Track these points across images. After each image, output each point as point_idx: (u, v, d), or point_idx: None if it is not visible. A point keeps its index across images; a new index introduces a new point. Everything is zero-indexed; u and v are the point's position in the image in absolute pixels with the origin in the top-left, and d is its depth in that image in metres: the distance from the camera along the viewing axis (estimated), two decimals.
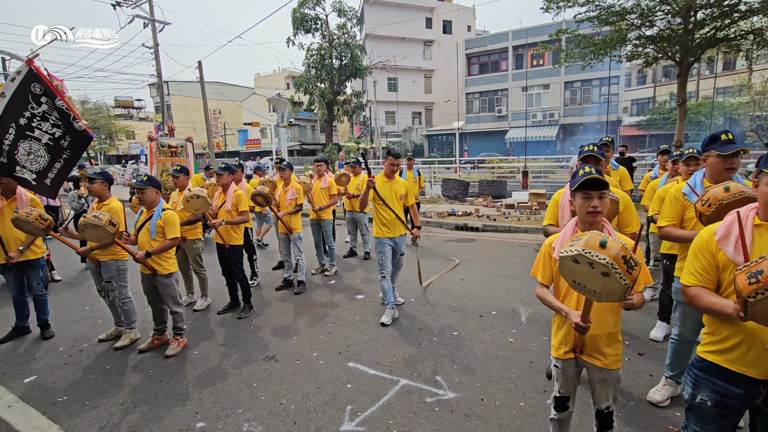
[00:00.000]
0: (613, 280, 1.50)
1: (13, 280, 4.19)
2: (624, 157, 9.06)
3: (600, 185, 1.86)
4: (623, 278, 1.49)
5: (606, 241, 1.53)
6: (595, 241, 1.54)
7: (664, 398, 2.83)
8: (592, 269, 1.53)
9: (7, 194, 4.10)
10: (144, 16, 17.82)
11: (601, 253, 1.50)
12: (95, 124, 38.85)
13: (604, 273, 1.50)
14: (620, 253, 1.50)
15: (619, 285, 1.50)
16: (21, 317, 4.33)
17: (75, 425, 2.86)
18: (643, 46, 10.61)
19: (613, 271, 1.48)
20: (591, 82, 28.19)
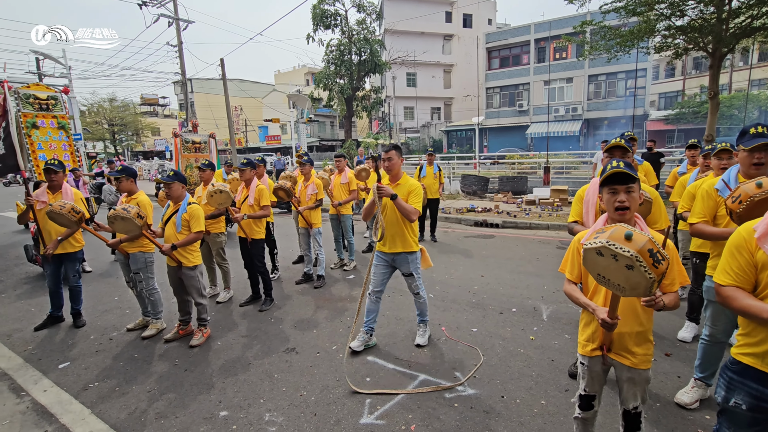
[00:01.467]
0: (637, 274, 1.46)
1: (51, 271, 4.36)
2: (652, 152, 8.78)
3: (627, 179, 1.80)
4: (648, 272, 1.44)
5: (632, 234, 1.49)
6: (620, 233, 1.51)
7: (693, 400, 2.74)
8: (616, 262, 1.49)
9: (53, 189, 4.29)
10: (169, 15, 18.22)
11: (626, 245, 1.46)
12: (123, 120, 40.02)
13: (628, 266, 1.47)
14: (646, 246, 1.46)
15: (644, 279, 1.46)
16: (55, 307, 4.52)
17: (106, 410, 2.97)
18: (673, 37, 10.21)
19: (638, 264, 1.44)
20: (616, 75, 27.34)
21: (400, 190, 3.52)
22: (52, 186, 4.27)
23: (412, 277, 3.65)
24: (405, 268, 3.63)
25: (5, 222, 11.54)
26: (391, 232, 3.55)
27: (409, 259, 3.59)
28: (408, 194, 3.51)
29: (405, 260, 3.60)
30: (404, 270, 3.65)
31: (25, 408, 3.04)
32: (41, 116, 9.48)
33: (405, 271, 3.64)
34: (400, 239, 3.55)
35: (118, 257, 4.31)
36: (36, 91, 9.64)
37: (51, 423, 2.85)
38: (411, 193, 3.52)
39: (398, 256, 3.61)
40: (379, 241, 3.57)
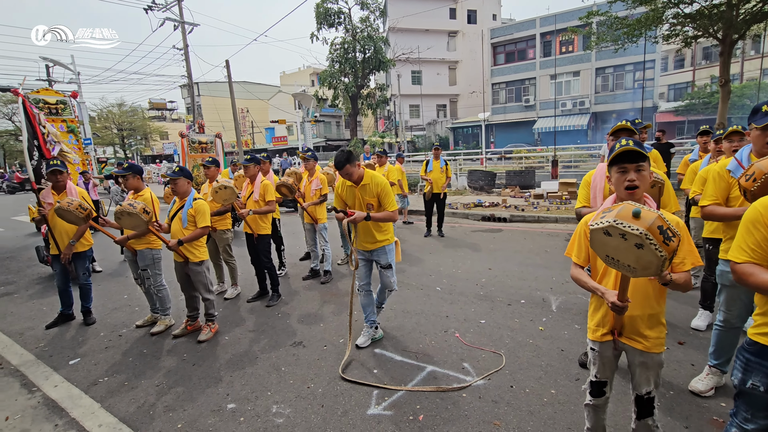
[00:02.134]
0: (647, 252, 1.40)
1: (60, 270, 4.39)
2: (661, 143, 8.63)
3: (637, 157, 1.75)
4: (659, 249, 1.38)
5: (639, 211, 1.42)
6: (628, 211, 1.44)
7: (708, 388, 2.68)
8: (624, 241, 1.43)
9: (58, 189, 4.33)
10: (174, 19, 18.39)
11: (635, 223, 1.40)
12: (131, 125, 40.51)
13: (637, 245, 1.40)
14: (656, 223, 1.39)
15: (655, 257, 1.39)
16: (65, 305, 4.57)
17: (115, 404, 2.99)
18: (682, 25, 10.02)
19: (648, 242, 1.37)
20: (624, 67, 27.01)
21: (367, 190, 3.42)
22: (57, 186, 4.31)
23: (390, 269, 3.59)
24: (383, 259, 3.57)
25: (18, 225, 11.74)
26: (361, 231, 3.49)
27: (386, 249, 3.55)
28: (377, 195, 3.40)
29: (382, 252, 3.55)
30: (383, 261, 3.58)
31: (36, 402, 3.07)
32: (51, 120, 9.62)
33: (383, 262, 3.58)
34: (372, 237, 3.50)
35: (126, 254, 4.34)
36: (45, 96, 9.80)
37: (62, 417, 2.88)
38: (380, 194, 3.40)
39: (376, 252, 3.56)
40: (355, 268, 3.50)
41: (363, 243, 3.53)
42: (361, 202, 3.44)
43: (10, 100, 20.35)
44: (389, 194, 3.41)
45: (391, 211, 3.40)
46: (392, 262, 3.58)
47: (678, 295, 4.38)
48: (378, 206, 3.43)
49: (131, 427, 2.72)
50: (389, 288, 3.67)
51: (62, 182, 4.29)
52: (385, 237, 3.51)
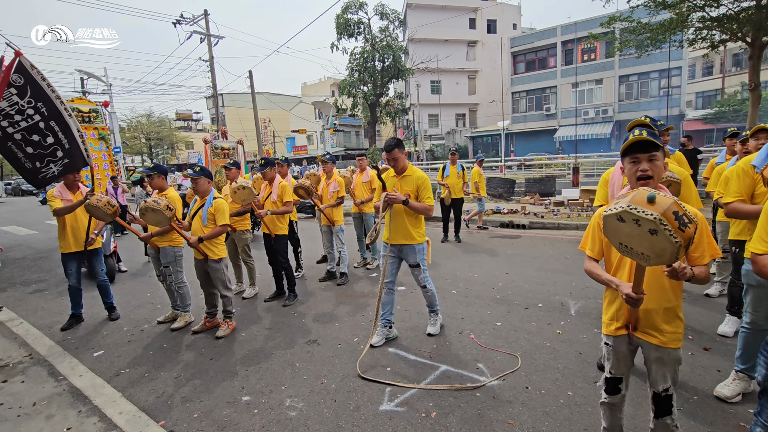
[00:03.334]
0: (662, 239, 1.35)
1: (75, 269, 4.39)
2: (687, 149, 8.39)
3: (649, 147, 1.71)
4: (674, 236, 1.33)
5: (654, 196, 1.38)
6: (642, 196, 1.41)
7: (735, 393, 2.56)
8: (638, 227, 1.39)
9: (72, 188, 4.33)
10: (200, 32, 19.09)
11: (649, 208, 1.36)
12: (159, 135, 42.01)
13: (651, 230, 1.36)
14: (671, 209, 1.35)
15: (670, 244, 1.35)
16: (76, 306, 4.56)
17: (135, 393, 3.08)
18: (708, 29, 9.78)
19: (662, 227, 1.33)
20: (649, 74, 26.40)
21: (408, 182, 3.54)
22: (71, 185, 4.31)
23: (418, 268, 3.63)
24: (412, 258, 3.61)
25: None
26: (396, 224, 3.55)
27: (416, 249, 3.58)
28: (417, 188, 3.52)
29: (411, 251, 3.59)
30: (411, 261, 3.62)
31: (62, 390, 3.19)
32: (83, 128, 10.09)
33: (411, 261, 3.62)
34: (406, 231, 3.54)
35: (150, 251, 4.49)
36: (79, 105, 10.29)
37: (85, 404, 2.98)
38: (420, 187, 3.52)
39: (405, 247, 3.60)
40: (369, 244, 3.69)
41: (396, 236, 3.58)
42: (399, 192, 3.50)
43: None
44: (428, 188, 3.53)
45: (427, 204, 3.49)
46: (421, 262, 3.61)
47: (705, 301, 4.23)
48: (416, 199, 3.52)
49: (150, 415, 2.79)
50: (420, 284, 3.70)
51: (77, 181, 4.32)
52: (417, 234, 3.56)
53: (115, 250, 6.69)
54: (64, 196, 4.25)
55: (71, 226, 4.31)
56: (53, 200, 4.18)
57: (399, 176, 3.59)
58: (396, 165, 3.55)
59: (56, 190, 4.27)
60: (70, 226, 4.30)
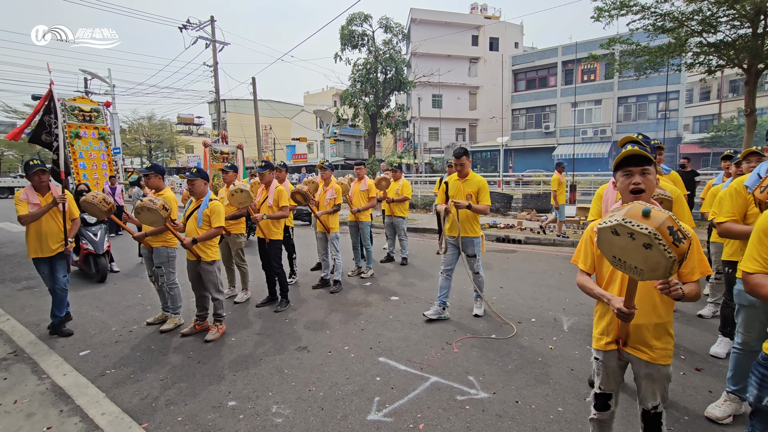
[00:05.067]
0: (656, 253, 1.35)
1: (47, 273, 4.12)
2: (685, 170, 8.47)
3: (642, 161, 1.72)
4: (668, 251, 1.33)
5: (649, 210, 1.38)
6: (638, 210, 1.41)
7: (726, 414, 2.54)
8: (632, 241, 1.39)
9: (42, 190, 4.03)
10: (206, 38, 19.28)
11: (644, 222, 1.36)
12: (159, 138, 42.07)
13: (645, 245, 1.36)
14: (666, 223, 1.36)
15: (663, 258, 1.35)
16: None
17: (119, 394, 3.03)
18: (705, 54, 9.96)
19: (657, 242, 1.33)
20: (647, 97, 26.77)
21: (470, 184, 4.21)
22: (41, 187, 4.00)
23: (474, 258, 4.30)
24: (470, 249, 4.27)
25: None
26: (462, 222, 4.21)
27: (474, 242, 4.26)
28: (478, 190, 4.17)
29: (471, 243, 4.26)
30: (469, 252, 4.29)
31: (44, 389, 3.13)
32: (84, 127, 10.10)
33: (470, 252, 4.29)
34: (468, 226, 4.23)
35: (143, 251, 4.46)
36: (81, 104, 10.32)
37: (67, 404, 2.92)
38: (480, 189, 4.17)
39: (465, 240, 4.25)
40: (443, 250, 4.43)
41: (458, 228, 4.20)
42: (462, 193, 4.19)
43: None
44: (487, 191, 4.20)
45: (486, 204, 4.15)
46: (477, 253, 4.30)
47: (698, 321, 4.22)
48: (476, 200, 4.16)
49: (133, 417, 2.74)
50: (474, 271, 4.36)
51: (45, 182, 4.01)
52: (474, 230, 4.24)
53: (108, 250, 6.64)
54: (32, 199, 3.94)
55: (35, 231, 3.98)
56: (19, 204, 3.91)
57: (462, 180, 4.23)
58: (462, 170, 4.20)
59: (24, 192, 3.98)
60: (34, 231, 3.98)
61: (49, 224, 4.04)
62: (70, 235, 4.17)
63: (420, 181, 21.89)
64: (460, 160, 4.15)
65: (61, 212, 4.10)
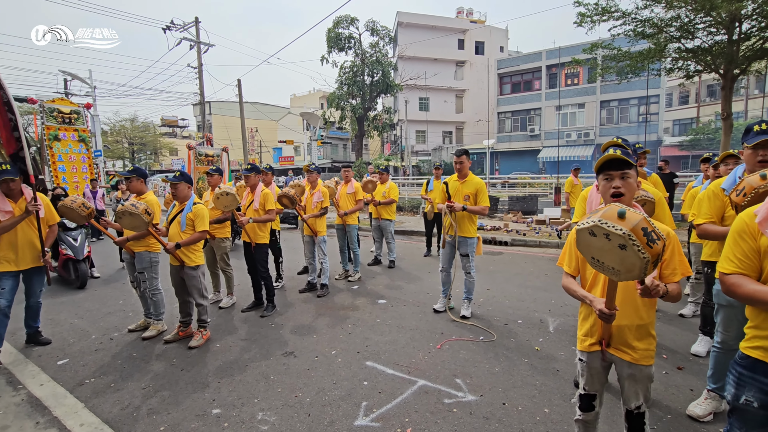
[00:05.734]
0: (630, 254, 1.38)
1: (10, 287, 3.68)
2: (664, 173, 8.67)
3: (622, 165, 1.75)
4: (642, 251, 1.36)
5: (625, 212, 1.42)
6: (613, 211, 1.44)
7: (706, 413, 2.59)
8: (609, 242, 1.42)
9: (14, 197, 3.69)
10: (190, 39, 19.04)
11: (619, 223, 1.40)
12: (143, 140, 41.34)
13: (621, 245, 1.39)
14: (640, 225, 1.39)
15: (638, 259, 1.38)
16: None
17: (99, 404, 2.94)
18: (684, 59, 10.23)
19: (631, 242, 1.36)
20: (629, 101, 27.40)
21: (468, 185, 4.35)
22: (13, 194, 3.65)
23: (467, 258, 4.44)
24: (463, 249, 4.43)
25: None
26: (456, 221, 4.36)
27: (468, 242, 4.39)
28: (476, 191, 4.32)
29: (465, 243, 4.40)
30: (462, 251, 4.44)
31: (20, 400, 3.03)
32: (63, 129, 9.88)
33: (463, 252, 4.44)
34: (463, 226, 4.38)
35: (125, 256, 4.35)
36: (60, 106, 10.09)
37: (44, 415, 2.83)
38: (478, 191, 4.33)
39: (460, 239, 4.41)
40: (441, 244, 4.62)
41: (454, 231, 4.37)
42: (460, 194, 4.34)
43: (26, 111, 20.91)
44: (485, 192, 4.36)
45: (484, 205, 4.30)
46: (471, 253, 4.42)
47: (679, 321, 4.31)
48: (474, 201, 4.33)
49: (113, 427, 2.67)
50: (466, 271, 4.50)
51: (16, 189, 3.67)
52: (469, 231, 4.39)
53: (89, 255, 6.47)
54: (2, 206, 3.58)
55: (9, 242, 3.63)
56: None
57: (461, 180, 4.38)
58: (461, 169, 4.34)
59: None
60: (8, 241, 3.62)
61: (25, 233, 3.70)
62: (47, 244, 3.87)
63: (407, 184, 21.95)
64: (460, 158, 4.32)
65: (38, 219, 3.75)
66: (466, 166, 4.36)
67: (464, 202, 4.36)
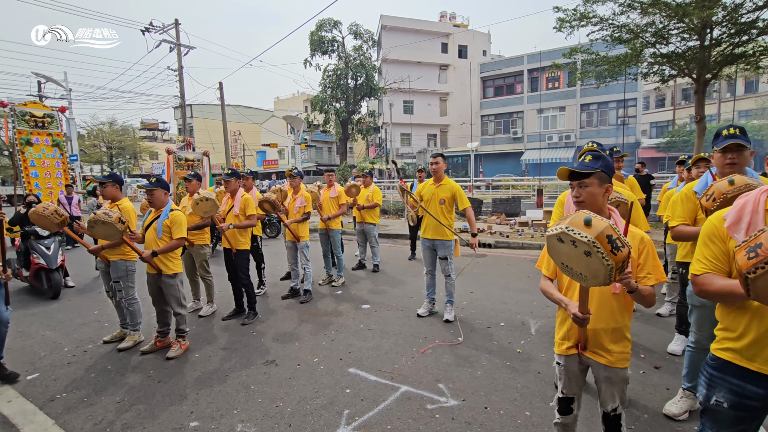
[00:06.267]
0: (595, 260, 1.40)
1: None
2: (641, 175, 8.86)
3: (578, 176, 1.81)
4: (606, 258, 1.38)
5: (590, 219, 1.44)
6: (580, 218, 1.46)
7: (682, 411, 2.64)
8: (575, 248, 1.44)
9: None
10: (170, 41, 18.72)
11: (585, 231, 1.41)
12: (121, 144, 40.41)
13: (586, 252, 1.41)
14: (605, 232, 1.40)
15: (602, 266, 1.40)
16: None
17: (70, 420, 2.83)
18: (659, 64, 10.53)
19: (595, 250, 1.38)
20: (608, 104, 28.04)
21: (444, 189, 4.36)
22: None
23: (446, 260, 4.42)
24: (441, 252, 4.42)
25: None
26: (433, 224, 4.36)
27: (446, 245, 4.39)
28: (452, 195, 4.34)
29: (442, 245, 4.41)
30: (440, 254, 4.44)
31: None
32: (36, 133, 9.56)
33: (441, 254, 4.44)
34: (440, 230, 4.35)
35: (100, 265, 4.23)
36: (32, 109, 9.77)
37: None
38: (455, 193, 4.35)
39: (437, 242, 4.41)
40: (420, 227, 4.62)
41: (432, 233, 4.41)
42: (436, 197, 4.36)
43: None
44: (463, 194, 4.38)
45: (468, 206, 4.38)
46: (448, 255, 4.41)
47: (656, 320, 4.39)
48: (452, 203, 4.36)
49: None
50: (445, 274, 4.47)
51: None
52: (446, 233, 4.37)
53: (63, 264, 6.26)
54: None
55: None
56: None
57: (437, 184, 4.40)
58: (436, 170, 4.36)
59: None
60: None
61: None
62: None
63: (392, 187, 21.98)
64: (435, 159, 4.37)
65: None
66: (441, 169, 4.39)
67: (440, 206, 4.37)
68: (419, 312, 4.68)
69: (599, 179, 1.80)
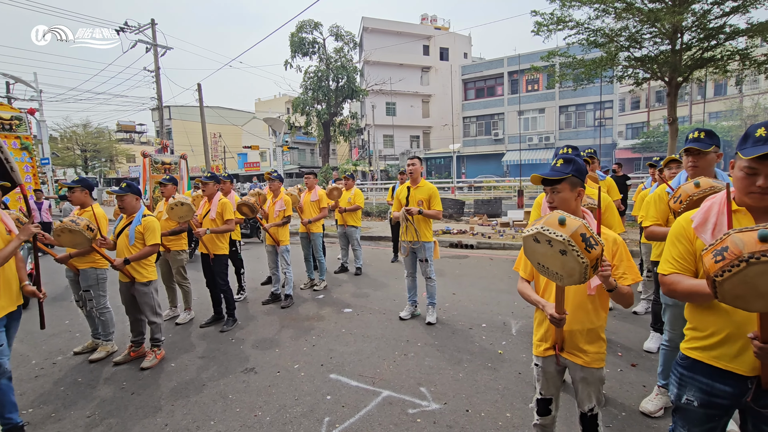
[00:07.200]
0: (570, 258, 1.44)
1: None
2: (618, 175, 9.08)
3: (548, 182, 1.87)
4: (581, 256, 1.42)
5: (564, 219, 1.48)
6: (555, 218, 1.50)
7: (657, 408, 2.70)
8: (551, 247, 1.48)
9: None
10: (146, 41, 18.29)
11: (559, 230, 1.45)
12: (96, 147, 39.20)
13: (561, 251, 1.45)
14: (579, 231, 1.44)
15: (577, 264, 1.43)
16: None
17: None
18: (633, 67, 10.82)
19: (570, 248, 1.42)
20: (585, 106, 28.69)
21: (421, 191, 4.40)
22: None
23: (426, 263, 4.44)
24: (421, 254, 4.44)
25: None
26: (412, 228, 4.38)
27: (426, 247, 4.41)
28: (429, 197, 4.37)
29: (422, 248, 4.41)
30: (420, 256, 4.46)
31: None
32: (3, 136, 9.17)
33: (421, 257, 4.46)
34: (420, 233, 4.37)
35: (68, 273, 4.06)
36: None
37: None
38: (431, 195, 4.38)
39: (416, 244, 4.42)
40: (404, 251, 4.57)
41: (411, 234, 4.40)
42: (414, 199, 4.40)
43: None
44: (438, 197, 4.42)
45: (438, 209, 4.39)
46: (429, 258, 4.43)
47: (633, 318, 4.49)
48: (428, 206, 4.37)
49: None
50: (426, 276, 4.50)
51: None
52: (426, 236, 4.41)
53: (32, 272, 6.00)
54: None
55: None
56: None
57: (414, 186, 4.45)
58: (413, 172, 4.41)
59: None
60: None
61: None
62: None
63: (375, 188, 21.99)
64: (412, 161, 4.43)
65: None
66: (418, 171, 4.45)
67: (418, 207, 4.41)
68: (401, 315, 4.67)
69: (570, 184, 1.82)
